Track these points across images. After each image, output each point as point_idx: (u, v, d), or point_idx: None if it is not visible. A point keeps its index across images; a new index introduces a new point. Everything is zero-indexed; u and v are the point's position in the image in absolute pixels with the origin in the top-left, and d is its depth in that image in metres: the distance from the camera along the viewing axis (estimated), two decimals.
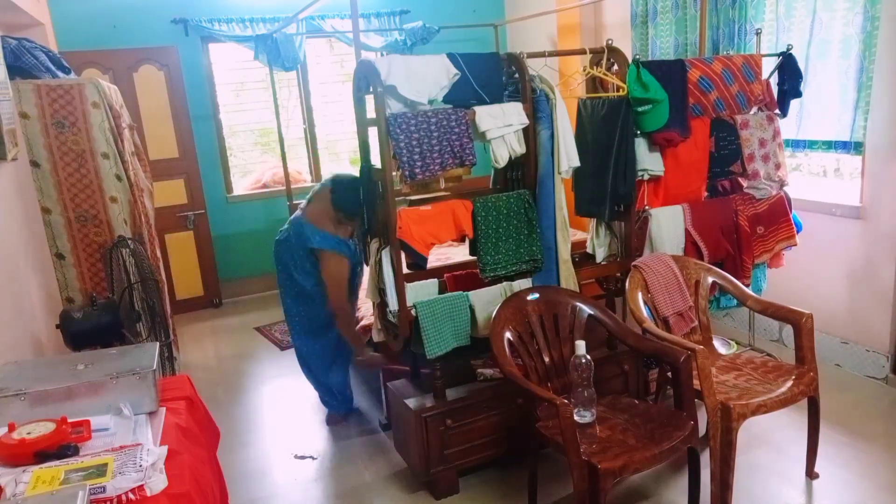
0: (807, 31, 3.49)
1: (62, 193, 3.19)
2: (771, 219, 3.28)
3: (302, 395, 3.84)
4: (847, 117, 3.37)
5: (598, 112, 2.98)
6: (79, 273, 3.28)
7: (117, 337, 2.58)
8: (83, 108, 3.15)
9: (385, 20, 5.77)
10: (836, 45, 3.36)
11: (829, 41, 3.39)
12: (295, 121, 5.90)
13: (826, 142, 3.53)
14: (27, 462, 1.55)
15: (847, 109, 3.37)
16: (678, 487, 2.66)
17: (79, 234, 3.25)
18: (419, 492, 2.80)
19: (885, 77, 3.20)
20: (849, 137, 3.39)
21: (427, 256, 2.58)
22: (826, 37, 3.41)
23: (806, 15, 3.49)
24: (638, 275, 2.84)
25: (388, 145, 2.46)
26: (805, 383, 2.50)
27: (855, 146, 3.38)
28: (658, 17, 4.39)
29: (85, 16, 4.96)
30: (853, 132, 3.36)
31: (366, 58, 2.75)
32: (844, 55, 3.34)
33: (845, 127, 3.40)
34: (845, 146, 3.43)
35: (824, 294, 3.68)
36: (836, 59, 3.38)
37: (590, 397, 2.35)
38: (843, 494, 2.61)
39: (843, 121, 3.40)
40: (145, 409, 1.87)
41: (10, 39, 3.20)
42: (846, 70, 3.35)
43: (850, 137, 3.38)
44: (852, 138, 3.37)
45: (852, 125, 3.36)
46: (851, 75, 3.32)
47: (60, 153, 3.15)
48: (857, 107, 3.32)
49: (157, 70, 5.17)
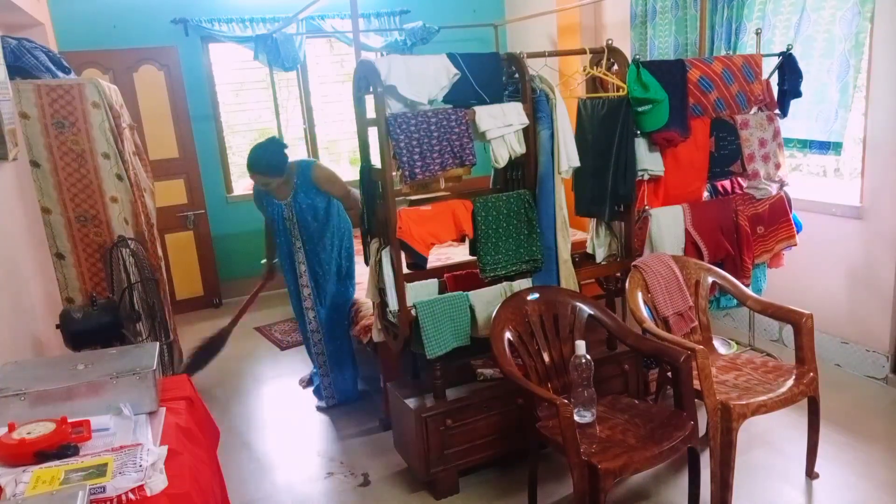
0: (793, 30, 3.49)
1: (62, 193, 3.18)
2: (771, 219, 3.28)
3: (302, 395, 3.84)
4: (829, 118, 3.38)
5: (598, 112, 2.98)
6: (79, 273, 3.28)
7: (117, 337, 2.58)
8: (83, 107, 3.15)
9: (385, 20, 5.76)
10: (837, 45, 3.36)
11: (829, 41, 3.39)
12: (295, 121, 5.90)
13: (802, 140, 3.54)
14: (27, 462, 1.55)
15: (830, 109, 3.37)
16: (678, 487, 2.66)
17: (79, 235, 3.25)
18: (419, 492, 2.80)
19: (885, 77, 3.20)
20: (827, 138, 3.39)
21: (427, 256, 2.58)
22: (811, 34, 3.40)
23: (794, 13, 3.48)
24: (638, 275, 2.84)
25: (388, 145, 2.46)
26: (805, 383, 2.50)
27: (834, 146, 3.39)
28: (658, 17, 4.39)
29: (85, 16, 4.96)
30: (831, 133, 3.36)
31: (366, 58, 2.75)
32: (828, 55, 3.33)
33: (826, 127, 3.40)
34: (822, 146, 3.43)
35: (824, 294, 3.68)
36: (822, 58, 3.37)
37: (590, 397, 2.35)
38: (843, 494, 2.61)
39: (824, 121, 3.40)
40: (145, 409, 1.87)
41: (10, 39, 3.20)
42: (829, 70, 3.34)
43: (828, 138, 3.39)
44: (831, 139, 3.38)
45: (832, 126, 3.36)
46: (834, 75, 3.32)
47: (60, 153, 3.15)
48: (839, 107, 3.32)
49: (157, 70, 5.18)
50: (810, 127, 3.48)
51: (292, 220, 3.41)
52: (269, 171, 3.25)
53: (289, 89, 5.83)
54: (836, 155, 3.41)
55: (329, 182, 3.39)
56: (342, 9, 5.39)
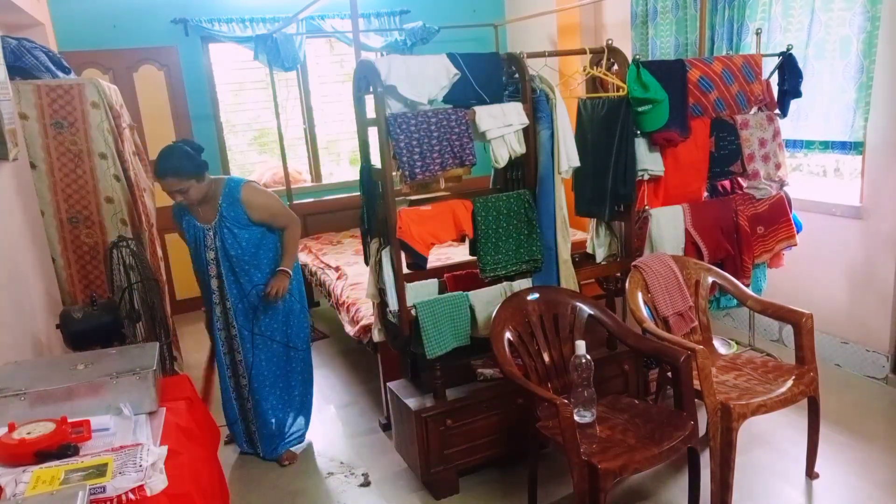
0: (805, 32, 3.49)
1: (56, 195, 3.15)
2: (771, 219, 3.28)
3: None
4: (847, 117, 3.37)
5: (598, 112, 2.98)
6: (69, 276, 3.24)
7: (117, 337, 2.57)
8: (82, 108, 3.15)
9: (385, 20, 5.76)
10: (836, 45, 3.36)
11: (828, 41, 3.39)
12: (295, 121, 5.89)
13: (823, 142, 3.53)
14: (27, 462, 1.55)
15: (847, 109, 3.37)
16: (678, 487, 2.66)
17: (69, 237, 3.19)
18: (419, 492, 2.80)
19: (885, 77, 3.20)
20: (848, 137, 3.39)
21: (427, 256, 2.58)
22: (825, 36, 3.41)
23: (805, 15, 3.49)
24: (638, 275, 2.84)
25: (388, 145, 2.46)
26: (805, 383, 2.50)
27: (854, 146, 3.38)
28: (658, 17, 4.39)
29: (85, 16, 4.96)
30: (853, 132, 3.36)
31: (366, 58, 2.75)
32: (844, 55, 3.33)
33: (845, 127, 3.39)
34: (843, 146, 3.43)
35: (824, 294, 3.68)
36: (836, 59, 3.38)
37: (590, 397, 2.35)
38: (843, 494, 2.61)
39: (843, 121, 3.40)
40: (145, 409, 1.87)
41: (10, 39, 3.19)
42: (844, 70, 3.34)
43: (849, 137, 3.38)
44: (851, 138, 3.37)
45: (852, 125, 3.35)
46: (850, 75, 3.32)
47: (58, 153, 3.13)
48: (856, 107, 3.32)
49: (157, 70, 5.17)
50: (830, 128, 3.47)
51: (215, 250, 2.88)
52: (179, 171, 2.68)
53: (289, 89, 5.83)
54: (857, 154, 3.40)
55: (262, 209, 2.82)
56: (342, 9, 5.39)
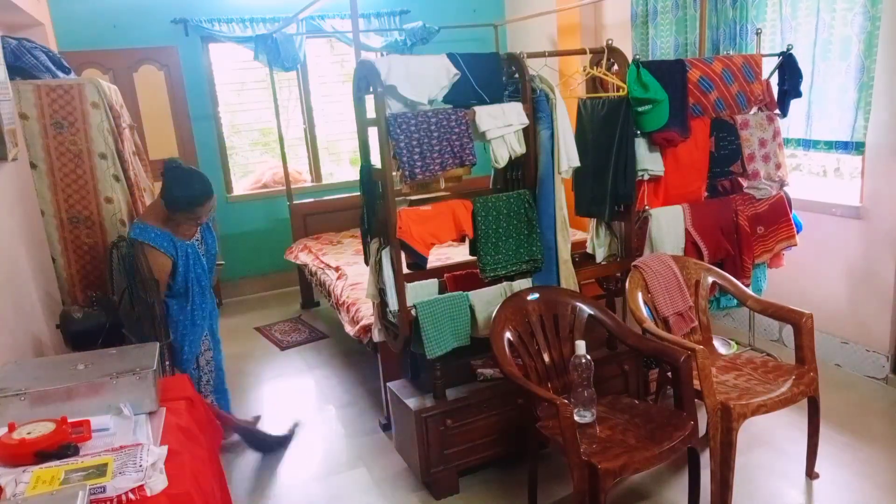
0: (807, 31, 3.49)
1: (56, 195, 3.14)
2: (771, 219, 3.28)
3: (302, 396, 3.84)
4: (849, 117, 3.37)
5: (598, 112, 2.98)
6: (68, 276, 3.24)
7: (117, 337, 2.58)
8: (82, 108, 3.14)
9: (385, 20, 5.77)
10: (837, 45, 3.36)
11: (831, 41, 3.39)
12: (295, 121, 5.90)
13: (827, 142, 3.53)
14: (27, 462, 1.55)
15: (848, 109, 3.37)
16: (678, 487, 2.66)
17: (69, 237, 3.19)
18: (419, 492, 2.80)
19: (886, 77, 3.20)
20: (849, 137, 3.39)
21: (427, 256, 2.58)
22: (827, 37, 3.41)
23: (807, 15, 3.48)
24: (638, 275, 2.84)
25: (388, 145, 2.46)
26: (805, 383, 2.50)
27: (855, 146, 3.38)
28: (658, 17, 4.39)
29: (85, 16, 4.96)
30: (854, 132, 3.36)
31: (366, 58, 2.75)
32: (845, 55, 3.33)
33: (846, 127, 3.39)
34: (845, 146, 3.43)
35: (824, 294, 3.68)
36: (837, 59, 3.38)
37: (590, 397, 2.35)
38: (843, 494, 2.61)
39: (844, 121, 3.40)
40: (145, 409, 1.87)
41: (10, 39, 3.19)
42: (846, 70, 3.34)
43: (850, 137, 3.38)
44: (853, 138, 3.37)
45: (853, 125, 3.35)
46: (852, 75, 3.32)
47: (57, 154, 3.13)
48: (857, 107, 3.31)
49: (157, 70, 5.18)
50: (833, 128, 3.47)
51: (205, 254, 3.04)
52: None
53: (289, 89, 5.83)
54: (858, 154, 3.39)
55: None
56: (342, 9, 5.39)
